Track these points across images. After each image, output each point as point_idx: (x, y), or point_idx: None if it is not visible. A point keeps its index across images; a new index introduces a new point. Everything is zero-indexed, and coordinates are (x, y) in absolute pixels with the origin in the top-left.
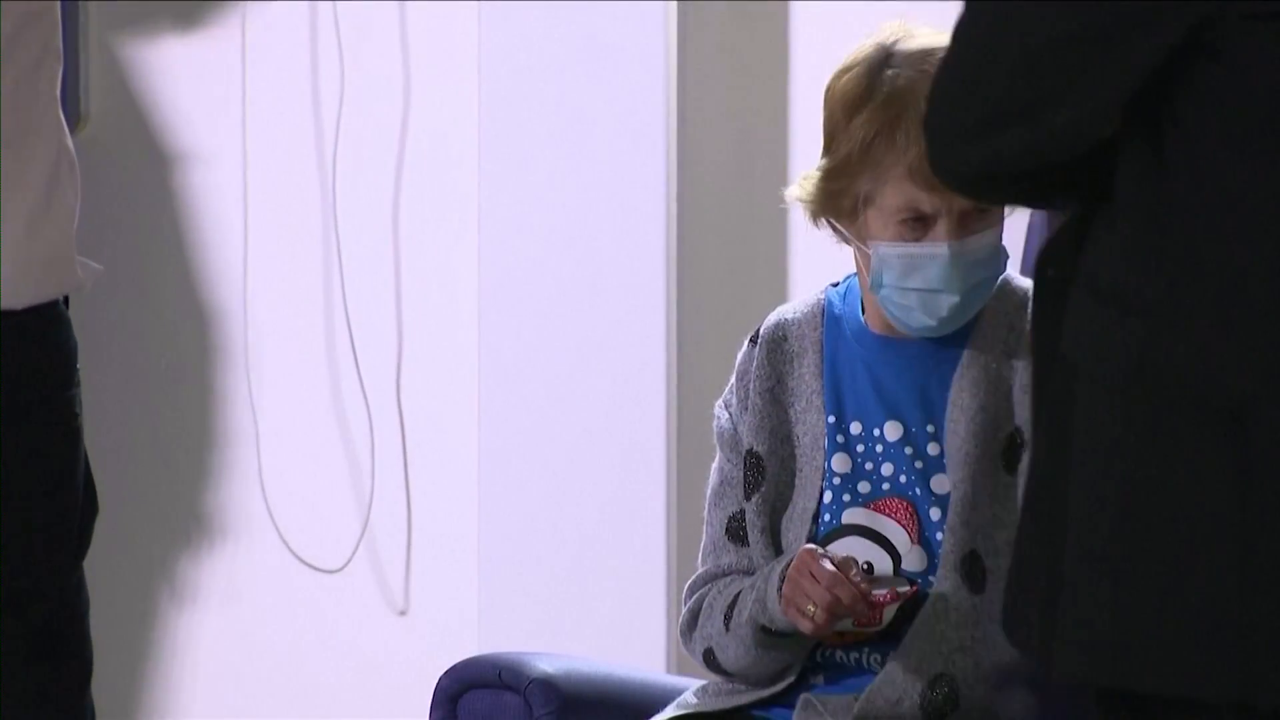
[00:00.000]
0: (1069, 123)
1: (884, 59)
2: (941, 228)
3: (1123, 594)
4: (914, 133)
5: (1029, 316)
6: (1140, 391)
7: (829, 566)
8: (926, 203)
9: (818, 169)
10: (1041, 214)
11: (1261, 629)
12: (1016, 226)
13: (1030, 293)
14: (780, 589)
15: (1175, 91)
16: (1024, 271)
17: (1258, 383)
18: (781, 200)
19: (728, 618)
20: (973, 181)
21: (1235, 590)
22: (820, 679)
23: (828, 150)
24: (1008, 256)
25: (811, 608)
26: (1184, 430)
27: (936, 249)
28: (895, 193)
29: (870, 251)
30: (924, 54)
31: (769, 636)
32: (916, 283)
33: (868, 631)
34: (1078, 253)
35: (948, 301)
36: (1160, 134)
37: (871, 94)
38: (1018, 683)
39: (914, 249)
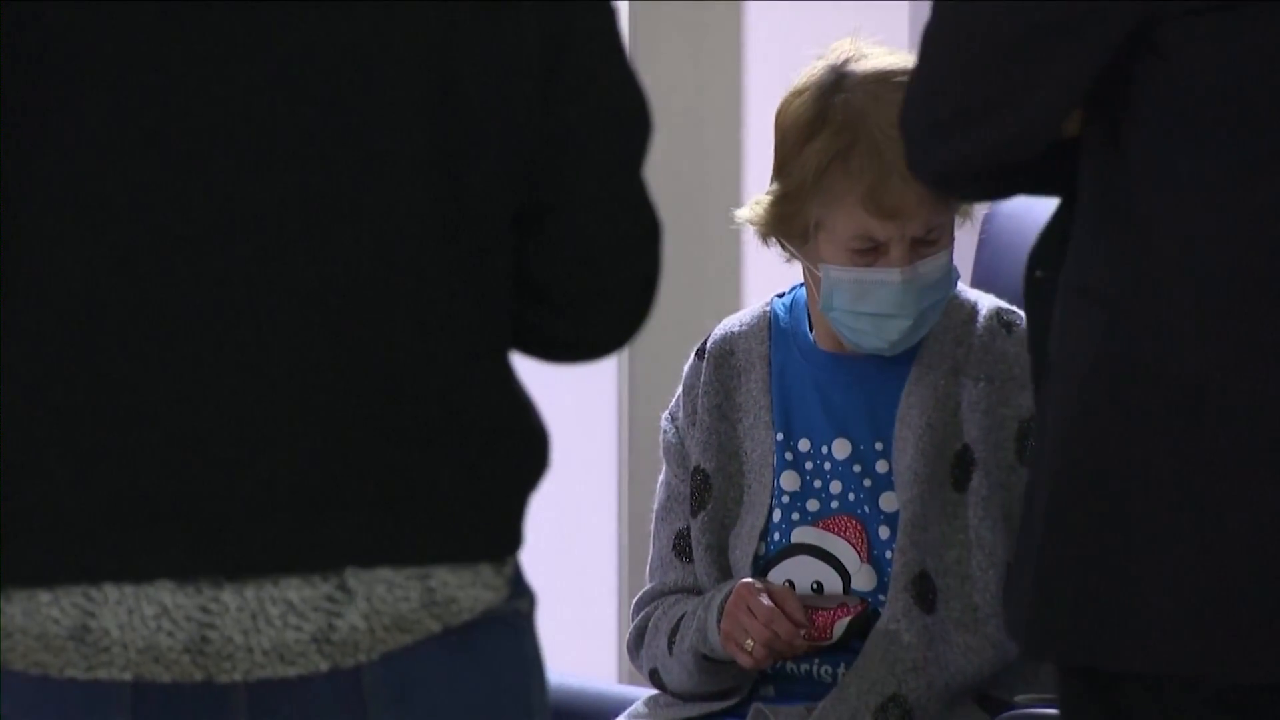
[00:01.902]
0: (1030, 119)
1: (835, 82)
2: (893, 253)
3: (1082, 573)
4: (867, 160)
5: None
6: (1100, 379)
7: (766, 602)
8: (879, 230)
9: (769, 193)
10: (992, 229)
11: (1217, 605)
12: (967, 241)
13: (977, 305)
14: (720, 621)
15: (1126, 85)
16: (973, 284)
17: (1214, 368)
18: (736, 208)
19: (671, 641)
20: (945, 178)
21: (1192, 567)
22: (771, 690)
23: (779, 174)
24: (958, 276)
25: (750, 643)
26: (1142, 414)
27: (888, 275)
28: (848, 221)
29: (821, 275)
30: (877, 77)
31: (710, 664)
32: (868, 307)
33: (819, 645)
34: (1063, 252)
35: (900, 325)
36: (1115, 128)
37: (824, 120)
38: (969, 701)
39: (865, 274)
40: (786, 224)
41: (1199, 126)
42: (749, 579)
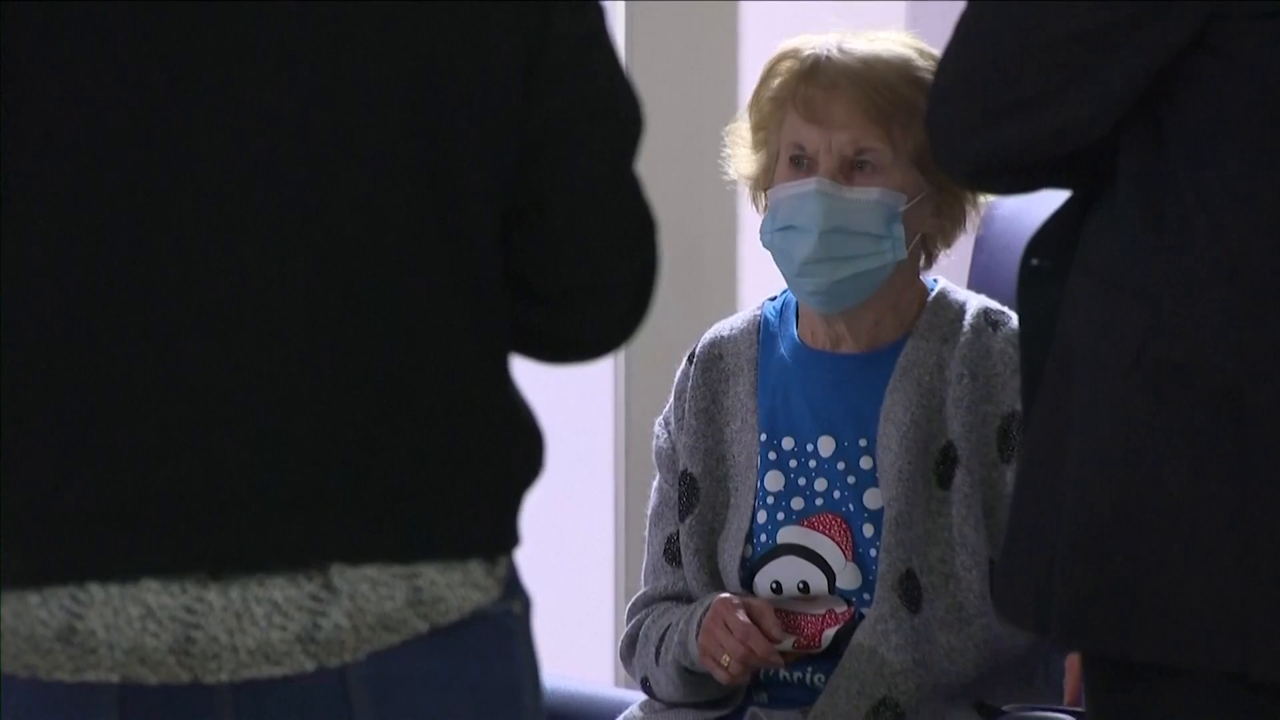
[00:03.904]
0: (1069, 120)
1: (818, 42)
2: (821, 167)
3: (1122, 567)
4: (806, 68)
5: (1017, 305)
6: (1142, 374)
7: (742, 618)
8: (807, 137)
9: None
10: (989, 230)
11: (1258, 602)
12: (965, 241)
13: (965, 304)
14: (699, 635)
15: (1174, 84)
16: (971, 284)
17: (1254, 365)
18: (731, 211)
19: (659, 651)
20: (974, 173)
21: (1233, 565)
22: (764, 696)
23: (749, 115)
24: (904, 257)
25: (726, 658)
26: (1184, 410)
27: (805, 185)
28: (787, 130)
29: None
30: (860, 55)
31: (694, 676)
32: (784, 220)
33: (808, 653)
34: (1070, 242)
35: (806, 240)
36: (1159, 125)
37: (795, 58)
38: (966, 705)
39: (790, 188)
40: (759, 158)
41: (1247, 128)
42: (726, 594)
